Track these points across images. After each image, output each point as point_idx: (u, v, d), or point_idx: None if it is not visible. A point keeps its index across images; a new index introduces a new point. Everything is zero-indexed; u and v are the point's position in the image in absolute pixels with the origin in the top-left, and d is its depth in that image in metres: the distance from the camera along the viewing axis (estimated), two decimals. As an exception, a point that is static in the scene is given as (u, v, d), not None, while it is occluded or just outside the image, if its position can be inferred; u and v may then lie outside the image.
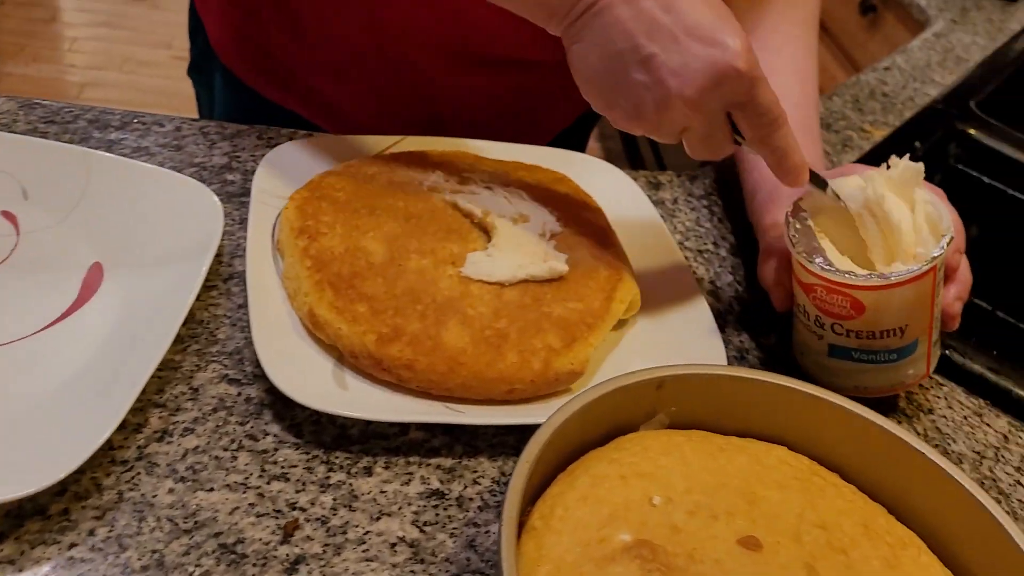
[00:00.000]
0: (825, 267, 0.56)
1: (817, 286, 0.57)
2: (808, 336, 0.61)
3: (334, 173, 0.65)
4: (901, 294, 0.56)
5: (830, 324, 0.58)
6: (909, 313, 0.57)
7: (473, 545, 0.48)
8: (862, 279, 0.55)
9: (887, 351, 0.58)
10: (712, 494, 0.47)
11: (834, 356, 0.60)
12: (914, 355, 0.59)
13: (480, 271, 0.58)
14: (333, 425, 0.53)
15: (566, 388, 0.57)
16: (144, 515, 0.46)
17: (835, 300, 0.57)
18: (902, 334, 0.57)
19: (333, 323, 0.54)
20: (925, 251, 0.56)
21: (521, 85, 0.86)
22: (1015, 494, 0.59)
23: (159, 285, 0.56)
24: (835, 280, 0.56)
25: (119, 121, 0.71)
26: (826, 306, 0.58)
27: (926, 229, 0.58)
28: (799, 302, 0.60)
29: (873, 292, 0.56)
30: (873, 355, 0.58)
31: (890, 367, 0.59)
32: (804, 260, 0.57)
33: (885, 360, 0.59)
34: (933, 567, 0.47)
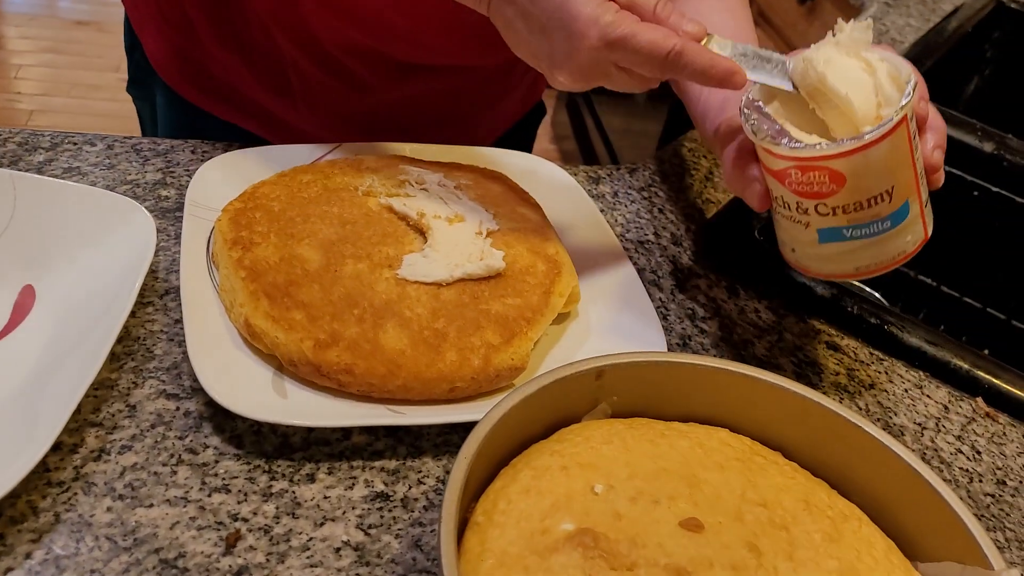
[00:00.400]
0: (794, 145, 0.53)
1: (790, 169, 0.54)
2: (794, 229, 0.57)
3: (268, 183, 0.64)
4: (878, 153, 0.52)
5: (813, 206, 0.54)
6: (891, 173, 0.53)
7: (419, 545, 0.48)
8: (835, 146, 0.52)
9: (879, 220, 0.54)
10: (654, 479, 0.47)
11: (826, 240, 0.56)
12: (908, 219, 0.55)
13: (416, 272, 0.58)
14: (275, 434, 0.52)
15: (508, 384, 0.57)
16: (82, 535, 0.45)
17: (812, 178, 0.53)
18: (890, 198, 0.54)
19: (270, 332, 0.53)
20: (892, 107, 0.53)
21: (456, 89, 0.86)
22: (956, 462, 0.60)
23: (93, 304, 0.56)
24: (807, 156, 0.53)
25: (49, 143, 0.70)
26: (804, 188, 0.54)
27: (888, 85, 0.54)
28: (776, 195, 0.57)
29: (849, 158, 0.52)
30: (865, 228, 0.55)
31: (886, 237, 0.55)
32: (770, 145, 0.54)
33: (879, 231, 0.55)
34: (874, 537, 0.48)
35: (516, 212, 0.66)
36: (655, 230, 0.76)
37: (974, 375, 0.66)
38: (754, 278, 0.72)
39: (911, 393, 0.65)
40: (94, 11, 3.26)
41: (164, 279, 0.61)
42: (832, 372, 0.65)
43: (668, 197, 0.81)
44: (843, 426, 0.51)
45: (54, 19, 3.21)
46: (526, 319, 0.57)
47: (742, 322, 0.68)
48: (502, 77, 0.92)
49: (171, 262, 0.62)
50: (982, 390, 0.65)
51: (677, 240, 0.75)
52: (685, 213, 0.79)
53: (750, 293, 0.71)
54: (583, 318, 0.63)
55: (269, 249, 0.58)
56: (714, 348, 0.65)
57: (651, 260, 0.72)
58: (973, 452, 0.61)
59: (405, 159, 0.71)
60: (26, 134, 0.71)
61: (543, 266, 0.61)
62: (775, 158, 0.54)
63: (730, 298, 0.70)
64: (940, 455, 0.60)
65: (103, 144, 0.71)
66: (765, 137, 0.54)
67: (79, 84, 2.82)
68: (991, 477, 0.59)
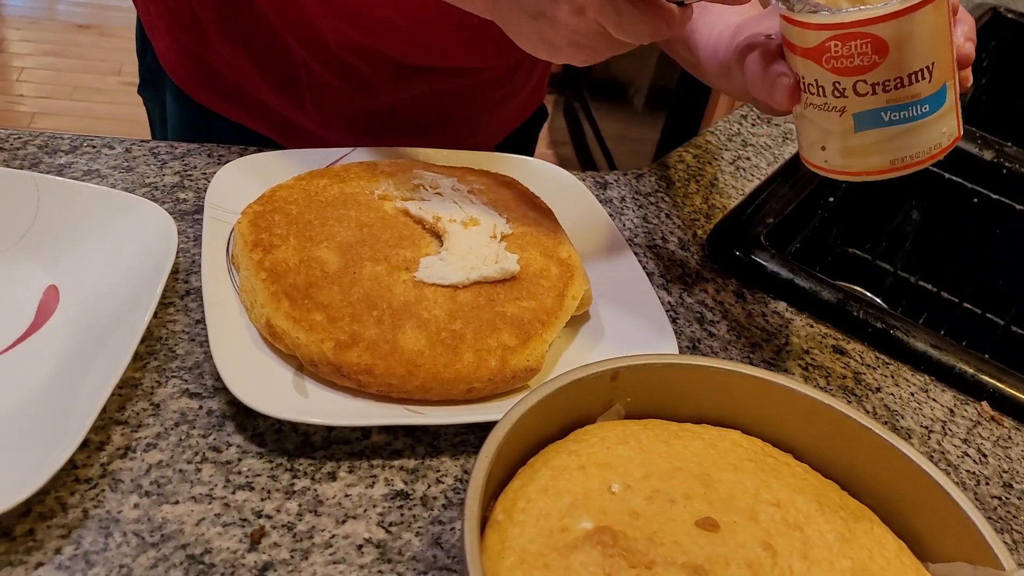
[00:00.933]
0: (832, 10, 0.50)
1: (829, 42, 0.51)
2: (827, 119, 0.54)
3: (285, 186, 0.65)
4: (922, 20, 0.50)
5: (852, 85, 0.52)
6: (932, 47, 0.52)
7: (439, 542, 0.49)
8: (879, 8, 0.50)
9: (918, 103, 0.53)
10: (669, 479, 0.48)
11: (862, 127, 0.53)
12: (944, 106, 0.54)
13: (433, 275, 0.59)
14: (296, 433, 0.53)
15: (523, 385, 0.58)
16: (110, 531, 0.46)
17: (853, 49, 0.51)
18: (930, 76, 0.52)
19: (291, 332, 0.54)
20: None
21: (461, 91, 0.87)
22: (963, 465, 0.61)
23: (115, 304, 0.56)
24: (849, 21, 0.50)
25: (68, 145, 0.71)
26: (844, 63, 0.52)
27: None
28: (808, 82, 0.54)
29: (893, 22, 0.50)
30: (904, 110, 0.53)
31: (925, 123, 0.53)
32: (808, 16, 0.51)
33: (919, 115, 0.53)
34: (886, 538, 0.49)
35: (528, 216, 0.67)
36: (662, 234, 0.77)
37: (979, 379, 0.67)
38: (761, 282, 0.73)
39: (917, 397, 0.66)
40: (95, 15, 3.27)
41: (184, 280, 0.62)
42: (839, 375, 0.66)
43: (675, 202, 0.82)
44: (853, 428, 0.52)
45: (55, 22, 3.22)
46: (541, 321, 0.58)
47: (750, 326, 0.69)
48: (505, 80, 0.93)
49: (191, 263, 0.63)
50: (987, 394, 0.67)
51: (684, 244, 0.76)
52: (692, 218, 0.80)
53: (757, 297, 0.72)
54: (595, 321, 0.64)
55: (288, 251, 0.59)
56: (723, 351, 0.66)
57: (659, 264, 0.73)
58: (979, 455, 0.62)
59: (419, 164, 0.72)
60: (46, 137, 0.71)
61: (556, 269, 0.62)
62: (813, 31, 0.52)
63: (738, 302, 0.71)
64: (947, 458, 0.61)
65: (121, 147, 0.72)
66: (802, 9, 0.51)
67: (81, 87, 2.83)
68: (997, 480, 0.60)
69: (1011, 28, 1.42)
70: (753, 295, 0.72)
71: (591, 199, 0.75)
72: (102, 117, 2.72)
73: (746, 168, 0.90)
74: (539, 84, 1.02)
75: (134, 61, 0.96)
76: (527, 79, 0.96)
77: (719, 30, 0.66)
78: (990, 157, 0.97)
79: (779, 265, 0.73)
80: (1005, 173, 0.97)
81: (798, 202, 0.83)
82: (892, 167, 0.54)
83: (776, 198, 0.82)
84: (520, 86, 0.96)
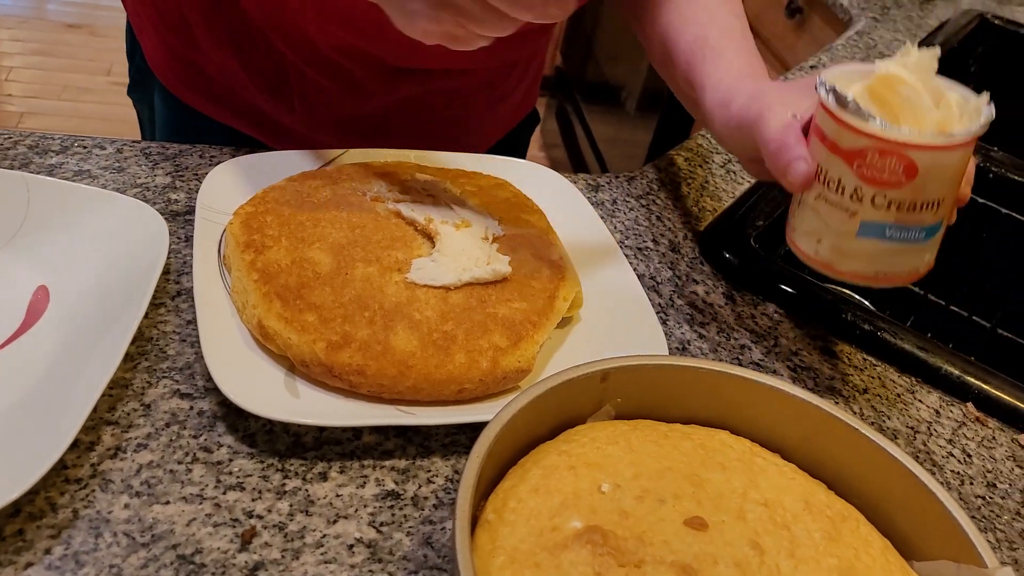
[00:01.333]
0: (886, 126, 0.52)
1: (868, 149, 0.53)
2: (835, 217, 0.56)
3: (277, 188, 0.66)
4: (953, 159, 0.53)
5: (871, 195, 0.54)
6: (949, 184, 0.54)
7: (430, 542, 0.49)
8: (927, 137, 0.52)
9: (919, 228, 0.55)
10: (658, 479, 0.49)
11: (864, 235, 0.56)
12: (934, 238, 0.57)
13: (425, 276, 0.59)
14: (287, 434, 0.53)
15: (514, 386, 0.58)
16: (100, 531, 0.46)
17: (887, 164, 0.53)
18: (937, 208, 0.55)
19: (282, 333, 0.55)
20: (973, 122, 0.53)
21: (451, 93, 0.87)
22: (948, 465, 0.62)
23: (106, 305, 0.56)
24: (895, 139, 0.52)
25: (59, 145, 0.71)
26: (874, 172, 0.54)
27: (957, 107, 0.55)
28: (832, 176, 0.55)
29: (932, 153, 0.53)
30: (905, 232, 0.55)
31: (914, 248, 0.56)
32: (857, 121, 0.53)
33: (914, 239, 0.56)
34: (872, 536, 0.49)
35: (520, 219, 0.67)
36: (653, 237, 0.78)
37: (964, 381, 0.68)
38: (750, 284, 0.74)
39: (903, 398, 0.67)
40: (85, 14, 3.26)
41: (176, 281, 0.62)
42: (827, 376, 0.67)
43: (665, 205, 0.83)
44: (840, 428, 0.52)
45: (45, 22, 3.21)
46: (532, 323, 0.59)
47: (739, 327, 0.69)
48: (496, 83, 0.93)
49: (182, 264, 0.63)
50: (972, 395, 0.67)
51: (675, 247, 0.77)
52: (682, 221, 0.81)
53: (746, 299, 0.73)
54: (585, 323, 0.65)
55: (281, 252, 0.59)
56: (712, 352, 0.66)
57: (650, 266, 0.74)
58: (964, 455, 0.63)
59: (410, 165, 0.72)
60: (36, 137, 0.71)
61: (547, 271, 0.63)
62: (857, 135, 0.53)
63: (727, 304, 0.72)
64: (932, 458, 0.62)
65: (112, 148, 0.72)
66: (855, 112, 0.53)
67: (70, 87, 2.82)
68: (981, 480, 0.61)
69: (998, 34, 1.43)
70: (743, 297, 0.73)
71: (583, 201, 0.75)
72: (91, 117, 2.71)
73: (736, 171, 0.90)
74: (531, 89, 1.02)
75: (124, 61, 0.96)
76: (518, 84, 0.97)
77: (733, 82, 0.67)
78: (978, 162, 0.98)
79: (769, 268, 0.74)
80: (992, 178, 0.98)
81: (787, 205, 0.84)
82: (874, 278, 0.57)
83: (766, 201, 0.83)
84: (510, 90, 0.96)
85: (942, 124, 0.54)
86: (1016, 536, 0.57)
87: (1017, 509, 0.59)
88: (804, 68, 1.19)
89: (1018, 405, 0.66)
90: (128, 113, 1.01)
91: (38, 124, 2.63)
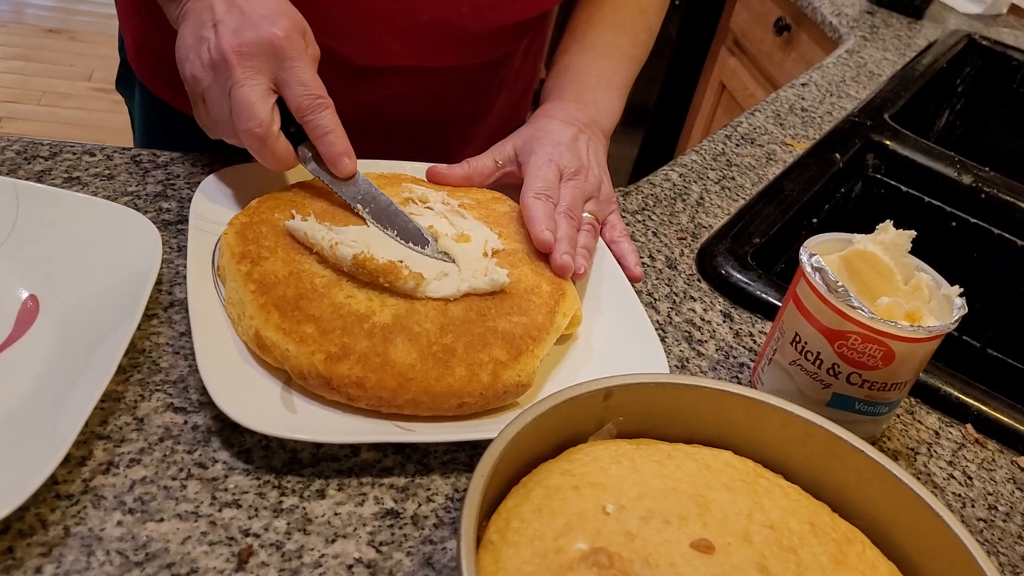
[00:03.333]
0: (871, 315, 0.55)
1: (852, 334, 0.56)
2: (809, 386, 0.59)
3: (271, 198, 0.64)
4: (926, 347, 0.56)
5: (847, 374, 0.57)
6: (917, 367, 0.58)
7: (430, 562, 0.48)
8: (907, 330, 0.55)
9: (885, 404, 0.59)
10: (663, 500, 0.48)
11: (833, 406, 0.59)
12: (893, 411, 0.60)
13: (425, 288, 0.58)
14: (283, 449, 0.52)
15: (514, 402, 0.57)
16: (92, 549, 0.45)
17: (868, 349, 0.56)
18: (903, 388, 0.58)
19: (280, 344, 0.53)
20: (948, 317, 0.57)
21: (422, 95, 0.86)
22: (949, 487, 0.61)
23: (98, 315, 0.55)
24: (878, 329, 0.55)
25: (48, 151, 0.70)
26: (853, 355, 0.56)
27: (927, 292, 0.59)
28: (810, 348, 0.58)
29: (909, 343, 0.55)
30: (871, 408, 0.59)
31: (876, 420, 0.60)
32: (846, 307, 0.55)
33: (876, 413, 0.59)
34: (878, 560, 0.49)
35: (519, 233, 0.67)
36: (650, 253, 0.77)
37: (963, 402, 0.67)
38: (748, 302, 0.74)
39: (903, 419, 0.66)
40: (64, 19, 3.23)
41: (168, 291, 0.60)
42: (825, 396, 0.66)
43: (662, 221, 0.82)
44: (843, 449, 0.52)
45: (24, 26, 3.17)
46: (532, 337, 0.58)
47: (738, 345, 0.69)
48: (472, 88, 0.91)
49: (174, 274, 0.62)
50: (971, 417, 0.67)
51: (672, 263, 0.76)
52: (679, 237, 0.80)
53: (744, 317, 0.72)
54: (584, 339, 0.64)
55: (277, 263, 0.58)
56: (712, 371, 0.66)
57: (647, 283, 0.73)
58: (965, 477, 0.63)
59: (406, 177, 0.71)
60: (24, 142, 0.70)
61: (547, 287, 0.62)
62: (842, 319, 0.56)
63: (725, 321, 0.71)
64: (933, 480, 0.62)
65: (102, 154, 0.71)
66: (842, 298, 0.55)
67: (49, 92, 2.78)
68: (983, 502, 0.61)
69: (985, 55, 1.45)
70: (740, 315, 0.72)
71: (579, 216, 0.75)
72: (71, 123, 2.68)
73: (731, 188, 0.90)
74: (521, 101, 1.01)
75: (104, 67, 0.95)
76: (498, 92, 0.95)
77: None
78: (969, 182, 0.99)
79: (766, 285, 0.74)
80: (983, 198, 0.98)
81: (783, 223, 0.84)
82: None
83: (762, 218, 0.83)
84: (491, 99, 0.95)
85: (912, 313, 0.57)
86: (1019, 560, 0.57)
87: (1019, 532, 0.59)
88: (795, 85, 1.19)
89: (1017, 427, 0.66)
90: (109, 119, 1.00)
91: (17, 129, 2.60)
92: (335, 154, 0.63)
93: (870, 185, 1.04)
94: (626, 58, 0.83)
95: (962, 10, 1.71)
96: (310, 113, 0.62)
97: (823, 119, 1.11)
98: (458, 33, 0.78)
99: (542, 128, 0.72)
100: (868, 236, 0.61)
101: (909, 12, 1.61)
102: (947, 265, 0.60)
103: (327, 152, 0.63)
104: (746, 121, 1.06)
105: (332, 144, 0.63)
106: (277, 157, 0.61)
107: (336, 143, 0.63)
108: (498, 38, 0.84)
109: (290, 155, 0.62)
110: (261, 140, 0.60)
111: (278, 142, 0.61)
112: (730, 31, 2.00)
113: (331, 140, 0.63)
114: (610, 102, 0.80)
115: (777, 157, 0.99)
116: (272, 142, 0.61)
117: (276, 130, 0.61)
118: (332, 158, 0.64)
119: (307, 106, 0.62)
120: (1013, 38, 1.58)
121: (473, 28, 0.78)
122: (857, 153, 1.02)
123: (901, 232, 0.60)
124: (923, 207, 1.01)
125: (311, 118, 0.62)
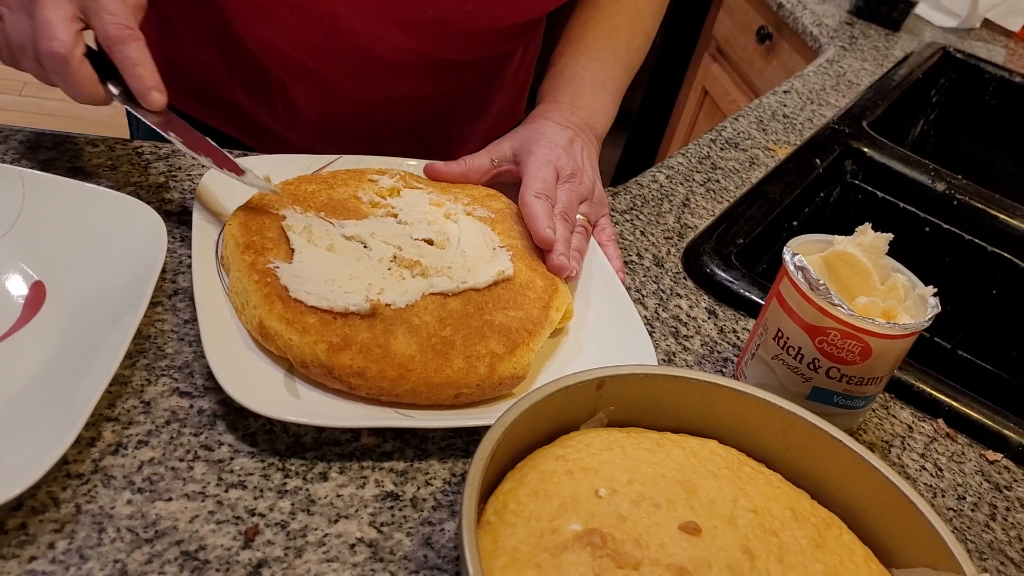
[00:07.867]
0: (851, 313, 0.57)
1: (832, 330, 0.58)
2: (789, 379, 0.61)
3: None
4: (902, 344, 0.58)
5: (827, 368, 0.59)
6: (893, 363, 0.60)
7: (430, 543, 0.50)
8: (884, 327, 0.57)
9: (862, 398, 0.61)
10: (653, 485, 0.50)
11: (813, 399, 0.61)
12: (868, 406, 0.63)
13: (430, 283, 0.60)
14: (287, 433, 0.54)
15: (508, 393, 0.59)
16: (104, 527, 0.46)
17: (847, 345, 0.58)
18: (878, 383, 0.61)
19: (283, 334, 0.55)
20: (923, 314, 0.59)
21: (426, 96, 0.87)
22: (921, 478, 0.64)
23: (105, 302, 0.56)
24: (856, 325, 0.57)
25: (51, 142, 0.71)
26: (833, 350, 0.59)
27: (903, 291, 0.61)
28: (792, 344, 0.60)
29: (886, 340, 0.57)
30: (849, 401, 0.61)
31: (852, 414, 0.62)
32: (826, 304, 0.58)
33: (853, 407, 0.62)
34: (854, 544, 0.51)
35: (514, 230, 0.69)
36: (638, 251, 0.79)
37: (935, 398, 0.70)
38: (732, 299, 0.76)
39: (878, 413, 0.69)
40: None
41: (172, 280, 0.62)
42: (805, 391, 0.69)
43: (649, 220, 0.84)
44: (823, 440, 0.54)
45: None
46: (527, 330, 0.60)
47: (722, 340, 0.71)
48: (478, 89, 0.93)
49: (177, 264, 0.63)
50: (943, 412, 0.70)
51: (659, 261, 0.79)
52: (666, 236, 0.83)
53: (728, 314, 0.75)
54: (575, 333, 0.66)
55: (281, 254, 0.60)
56: (697, 365, 0.68)
57: (635, 280, 0.76)
58: (936, 469, 0.65)
59: (404, 173, 0.73)
60: (28, 132, 0.71)
61: (541, 282, 0.64)
62: (823, 316, 0.58)
63: (710, 318, 0.74)
64: (906, 471, 0.64)
65: (104, 145, 0.72)
66: (822, 295, 0.58)
67: (31, 83, 2.77)
68: (952, 493, 0.64)
69: (959, 68, 1.49)
70: (724, 312, 0.75)
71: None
72: (53, 113, 2.67)
73: (716, 190, 0.93)
74: (517, 102, 1.03)
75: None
76: (497, 93, 0.98)
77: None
78: (942, 189, 1.02)
79: (749, 284, 0.76)
80: (956, 204, 1.01)
81: (765, 224, 0.87)
82: None
83: (745, 219, 0.85)
84: (491, 100, 0.97)
85: (888, 311, 0.60)
86: (985, 547, 0.60)
87: (986, 521, 0.62)
88: (777, 92, 1.22)
89: (985, 423, 0.69)
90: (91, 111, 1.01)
91: (-3, 120, 2.58)
92: (144, 88, 0.60)
93: (848, 190, 1.07)
94: (621, 62, 0.85)
95: (938, 23, 1.76)
96: (119, 43, 0.59)
97: (804, 126, 1.14)
98: (462, 30, 0.80)
99: (538, 130, 0.74)
100: (848, 238, 0.63)
101: (887, 24, 1.65)
102: (920, 269, 0.63)
103: (137, 86, 0.60)
104: (730, 126, 1.08)
105: (141, 77, 0.60)
106: (80, 84, 0.58)
107: (145, 76, 0.60)
108: (502, 36, 0.86)
109: (94, 84, 0.59)
110: (63, 60, 0.57)
111: (81, 66, 0.58)
112: (713, 38, 2.04)
113: (140, 73, 0.60)
114: (604, 106, 0.82)
115: (760, 161, 1.02)
116: (76, 64, 0.57)
117: (80, 54, 0.58)
118: (142, 92, 0.60)
119: (115, 35, 0.58)
120: (986, 51, 1.62)
121: (477, 25, 0.80)
122: (836, 159, 1.05)
123: (879, 235, 0.62)
124: (898, 212, 1.04)
125: (119, 48, 0.59)
